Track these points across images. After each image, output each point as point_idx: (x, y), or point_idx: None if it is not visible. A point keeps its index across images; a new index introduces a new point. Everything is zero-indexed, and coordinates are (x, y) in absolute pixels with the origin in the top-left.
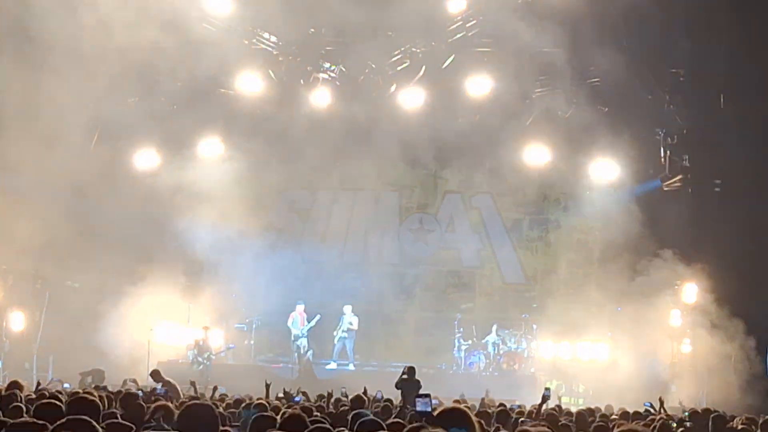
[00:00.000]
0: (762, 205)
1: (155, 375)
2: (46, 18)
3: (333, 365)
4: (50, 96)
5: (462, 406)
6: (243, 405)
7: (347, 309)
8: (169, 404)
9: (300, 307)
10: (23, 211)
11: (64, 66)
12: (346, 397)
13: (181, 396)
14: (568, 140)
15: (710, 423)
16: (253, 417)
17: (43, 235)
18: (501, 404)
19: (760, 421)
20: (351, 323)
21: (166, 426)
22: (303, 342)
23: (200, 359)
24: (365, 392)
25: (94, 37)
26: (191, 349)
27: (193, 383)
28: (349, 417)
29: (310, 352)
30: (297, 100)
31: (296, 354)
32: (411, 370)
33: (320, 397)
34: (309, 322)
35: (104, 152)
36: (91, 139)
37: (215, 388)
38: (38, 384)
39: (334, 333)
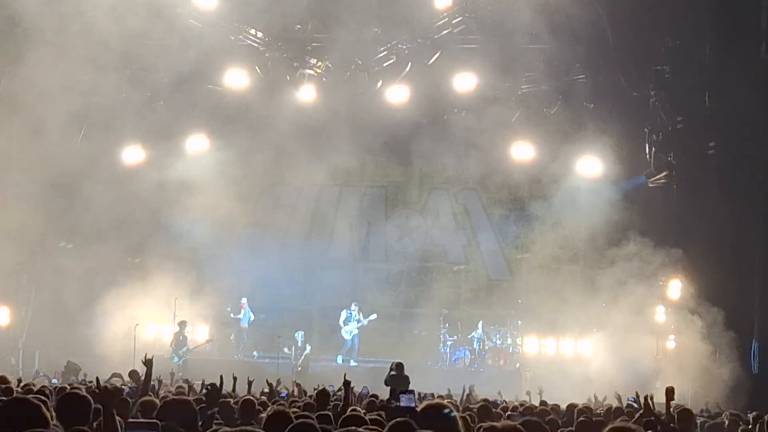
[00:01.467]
0: (747, 202)
1: (133, 375)
2: (31, 12)
3: (340, 360)
4: (36, 89)
5: (445, 401)
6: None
7: (354, 306)
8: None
9: (244, 301)
10: (8, 206)
11: (49, 60)
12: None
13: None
14: (553, 136)
15: (676, 417)
16: None
17: (29, 230)
18: (484, 400)
19: (750, 417)
20: (368, 318)
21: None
22: (299, 335)
23: (179, 353)
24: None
25: (80, 32)
26: (171, 343)
27: (172, 374)
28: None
29: (309, 348)
30: (283, 96)
31: (293, 349)
32: (399, 366)
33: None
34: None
35: (91, 146)
36: (78, 133)
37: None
38: (19, 381)
39: (345, 328)
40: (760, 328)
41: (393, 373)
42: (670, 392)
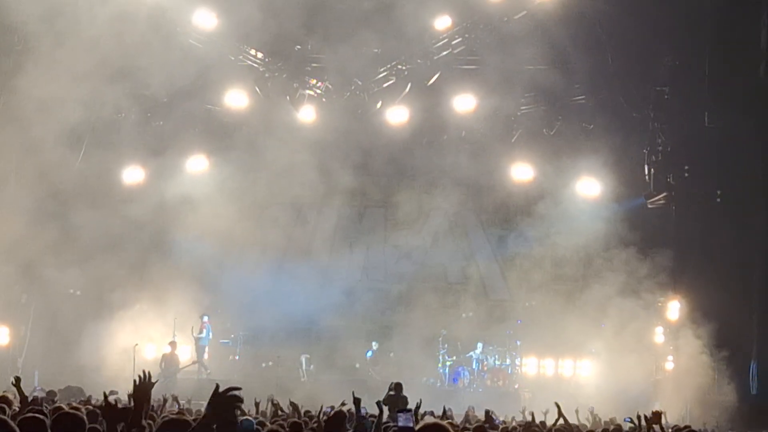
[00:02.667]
0: (746, 222)
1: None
2: (30, 30)
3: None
4: (35, 108)
5: (444, 422)
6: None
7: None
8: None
9: (205, 319)
10: (8, 224)
11: (48, 79)
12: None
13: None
14: (553, 157)
15: None
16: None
17: (29, 249)
18: (484, 419)
19: None
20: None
21: None
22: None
23: (168, 373)
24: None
25: (80, 51)
26: (160, 364)
27: (175, 398)
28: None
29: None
30: (282, 116)
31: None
32: (398, 386)
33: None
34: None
35: (91, 165)
36: (78, 151)
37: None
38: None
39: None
40: (758, 349)
41: (391, 393)
42: (655, 416)
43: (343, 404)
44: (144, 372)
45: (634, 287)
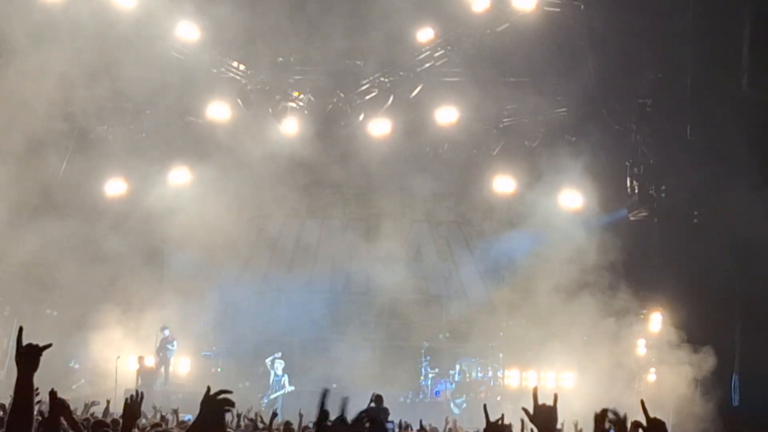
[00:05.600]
0: (728, 234)
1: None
2: (12, 42)
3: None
4: (20, 120)
5: None
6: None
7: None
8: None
9: (167, 331)
10: None
11: (28, 91)
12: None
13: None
14: (535, 169)
15: None
16: None
17: (12, 259)
18: None
19: None
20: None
21: None
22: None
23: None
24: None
25: (61, 61)
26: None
27: (175, 411)
28: None
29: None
30: (265, 128)
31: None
32: (378, 399)
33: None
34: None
35: (73, 177)
36: (61, 163)
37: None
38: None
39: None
40: (740, 361)
41: (372, 405)
42: (634, 426)
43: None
44: (136, 392)
45: (617, 300)
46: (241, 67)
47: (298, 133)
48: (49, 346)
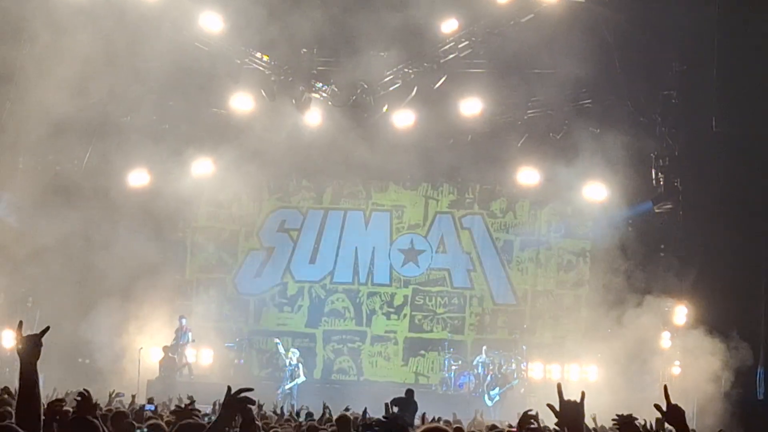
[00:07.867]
0: (753, 227)
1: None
2: (37, 35)
3: None
4: (43, 112)
5: (446, 425)
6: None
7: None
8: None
9: (184, 320)
10: (13, 229)
11: (54, 83)
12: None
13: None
14: (559, 161)
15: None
16: None
17: (34, 253)
18: (493, 425)
19: None
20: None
21: None
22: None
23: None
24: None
25: (85, 55)
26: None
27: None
28: None
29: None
30: (288, 120)
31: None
32: (409, 392)
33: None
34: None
35: (97, 168)
36: (84, 154)
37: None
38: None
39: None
40: (766, 353)
41: (402, 396)
42: (659, 423)
43: (346, 409)
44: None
45: (641, 292)
46: (265, 58)
47: (321, 124)
48: (47, 329)
